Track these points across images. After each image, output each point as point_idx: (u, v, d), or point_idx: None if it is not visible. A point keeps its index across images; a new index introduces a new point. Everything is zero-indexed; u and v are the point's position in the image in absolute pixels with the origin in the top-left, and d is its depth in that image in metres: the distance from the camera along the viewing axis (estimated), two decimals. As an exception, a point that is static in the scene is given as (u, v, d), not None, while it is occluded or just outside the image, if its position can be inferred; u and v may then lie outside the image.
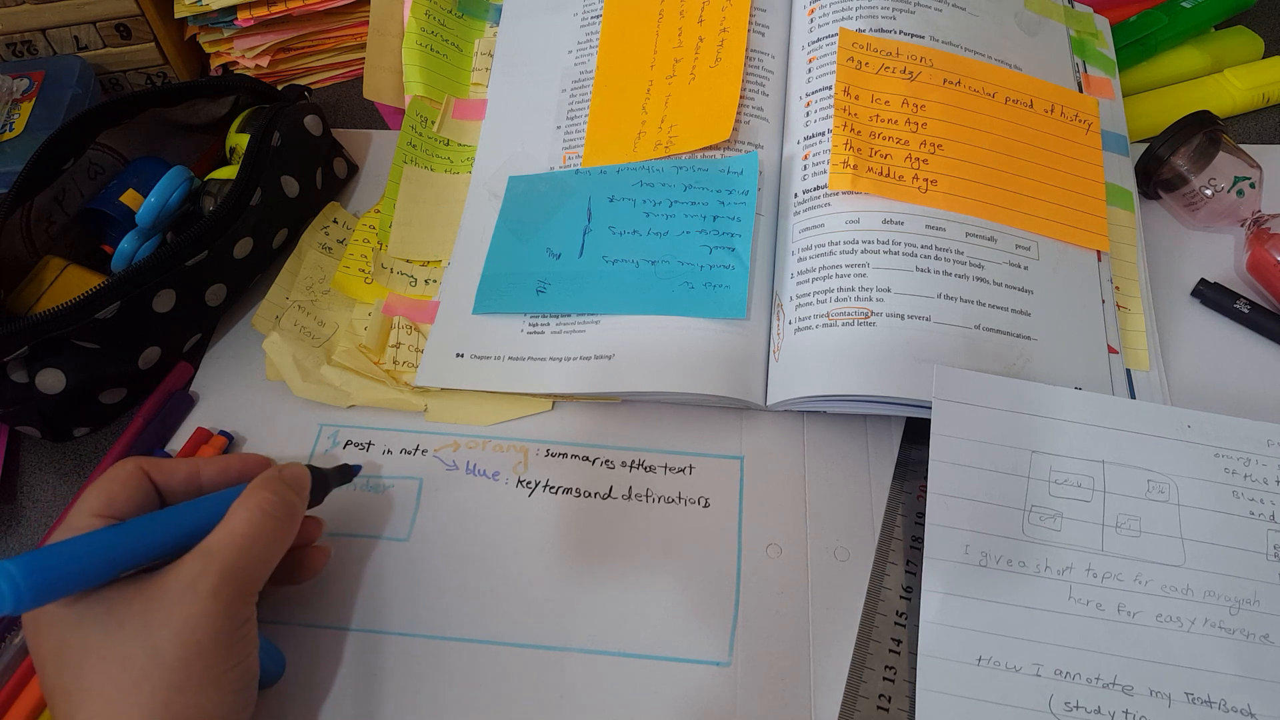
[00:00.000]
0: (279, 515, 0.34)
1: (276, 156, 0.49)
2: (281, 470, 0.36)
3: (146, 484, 0.34)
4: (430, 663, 0.38)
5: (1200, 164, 0.49)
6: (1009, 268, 0.43)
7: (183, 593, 0.31)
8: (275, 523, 0.34)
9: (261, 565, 0.33)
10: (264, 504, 0.33)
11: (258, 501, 0.33)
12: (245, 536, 0.32)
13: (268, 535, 0.33)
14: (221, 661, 0.31)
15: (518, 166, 0.52)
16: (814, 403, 0.41)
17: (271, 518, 0.33)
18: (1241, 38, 0.58)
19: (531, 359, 0.45)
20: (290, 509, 0.35)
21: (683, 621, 0.39)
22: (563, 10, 0.57)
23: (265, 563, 0.33)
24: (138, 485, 0.34)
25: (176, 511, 0.33)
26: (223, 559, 0.32)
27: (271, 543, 0.34)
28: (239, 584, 0.32)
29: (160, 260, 0.43)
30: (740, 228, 0.45)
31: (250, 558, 0.32)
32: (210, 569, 0.31)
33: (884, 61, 0.47)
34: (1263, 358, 0.46)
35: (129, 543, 0.31)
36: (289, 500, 0.35)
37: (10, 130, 0.53)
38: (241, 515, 0.33)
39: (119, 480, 0.33)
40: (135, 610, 0.30)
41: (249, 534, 0.33)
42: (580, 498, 0.43)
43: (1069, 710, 0.35)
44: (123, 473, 0.34)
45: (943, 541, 0.37)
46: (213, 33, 0.61)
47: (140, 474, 0.34)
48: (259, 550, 0.33)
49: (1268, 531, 0.37)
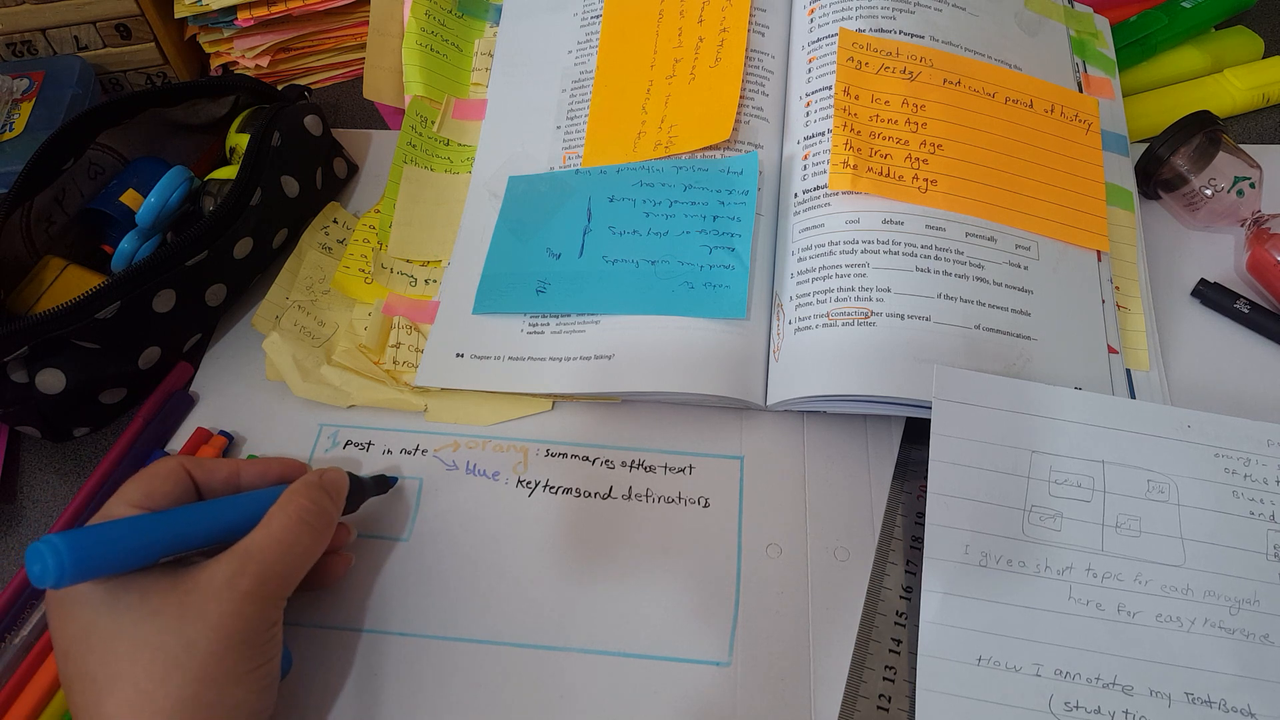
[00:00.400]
0: (316, 524, 0.35)
1: (276, 156, 0.49)
2: (321, 475, 0.37)
3: (187, 481, 0.35)
4: (430, 662, 0.38)
5: (1200, 164, 0.49)
6: (1009, 268, 0.43)
7: (220, 589, 0.31)
8: (312, 531, 0.34)
9: (296, 570, 0.34)
10: (303, 511, 0.34)
11: (297, 508, 0.34)
12: (283, 542, 0.33)
13: (305, 542, 0.34)
14: (250, 659, 0.32)
15: (518, 166, 0.52)
16: (814, 403, 0.41)
17: (309, 526, 0.34)
18: (1241, 38, 0.58)
19: (531, 359, 0.45)
20: (327, 518, 0.35)
21: (682, 621, 0.39)
22: (563, 10, 0.57)
23: (300, 568, 0.34)
24: (178, 481, 0.34)
25: (216, 505, 0.34)
26: (260, 561, 0.32)
27: (308, 549, 0.34)
28: (274, 587, 0.33)
29: (160, 260, 0.43)
30: (740, 228, 0.45)
31: (286, 563, 0.33)
32: (248, 570, 0.32)
33: (884, 61, 0.47)
34: (1263, 358, 0.46)
35: (170, 531, 0.32)
36: (326, 509, 0.35)
37: (10, 130, 0.53)
38: (281, 520, 0.34)
39: (160, 475, 0.34)
40: (171, 601, 0.31)
41: (287, 539, 0.33)
42: (580, 498, 0.43)
43: (1069, 710, 0.35)
44: (164, 468, 0.35)
45: (943, 541, 0.37)
46: (213, 33, 0.61)
47: (182, 471, 0.35)
48: (295, 556, 0.34)
49: (1268, 531, 0.37)
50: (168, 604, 0.31)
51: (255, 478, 0.37)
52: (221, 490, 0.36)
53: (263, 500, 0.35)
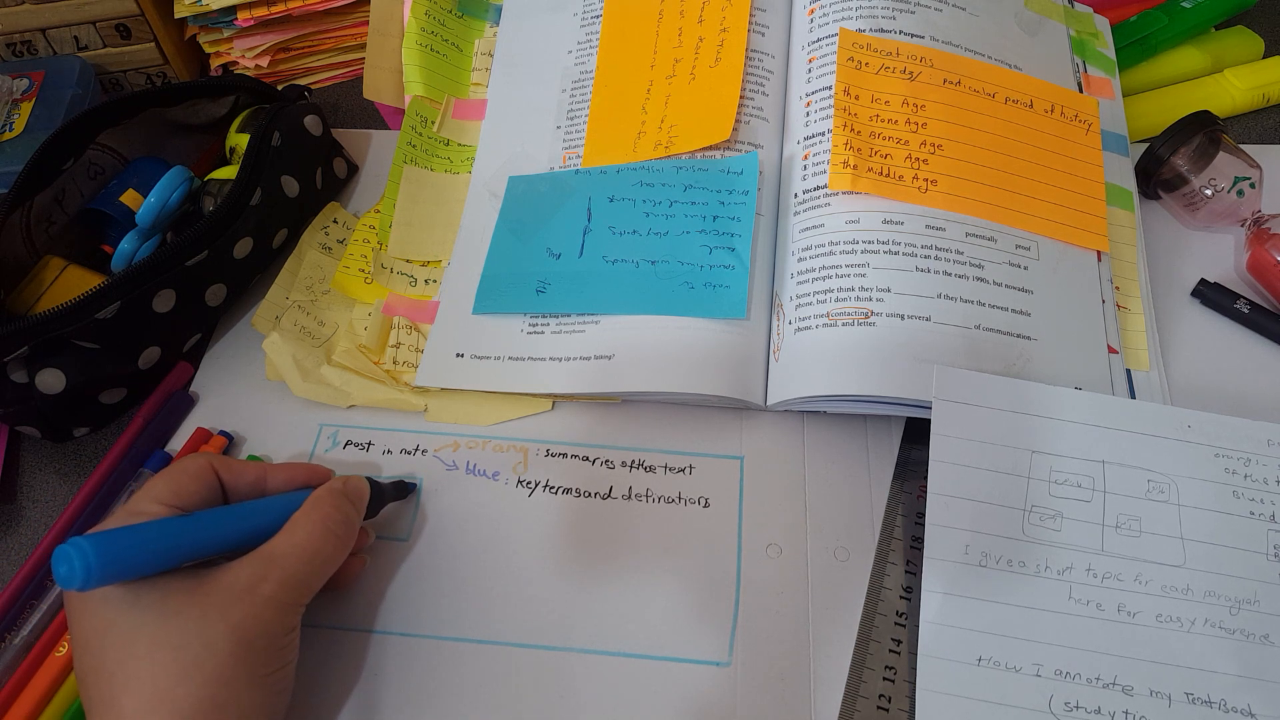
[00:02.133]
0: (340, 532, 0.35)
1: (276, 156, 0.49)
2: (345, 483, 0.37)
3: (214, 480, 0.35)
4: (430, 662, 0.38)
5: (1200, 164, 0.49)
6: (1009, 268, 0.43)
7: (243, 593, 0.31)
8: (336, 539, 0.35)
9: (318, 578, 0.34)
10: (328, 520, 0.35)
11: (321, 516, 0.34)
12: (307, 549, 0.34)
13: (328, 550, 0.34)
14: (269, 663, 0.32)
15: (518, 166, 0.52)
16: (814, 403, 0.41)
17: (333, 534, 0.35)
18: (1241, 38, 0.58)
19: (531, 359, 0.45)
20: (350, 526, 0.36)
21: (683, 621, 0.39)
22: (563, 10, 0.57)
23: (322, 575, 0.35)
24: (205, 480, 0.35)
25: (241, 510, 0.34)
26: (284, 567, 0.33)
27: (330, 557, 0.35)
28: (295, 593, 0.33)
29: (160, 260, 0.43)
30: (740, 228, 0.45)
31: (309, 570, 0.34)
32: (272, 575, 0.32)
33: (884, 61, 0.47)
34: (1263, 358, 0.46)
35: (195, 536, 0.32)
36: (349, 517, 0.36)
37: (10, 130, 0.53)
38: (305, 527, 0.34)
39: (189, 473, 0.34)
40: (193, 602, 0.31)
41: (311, 546, 0.34)
42: (580, 498, 0.43)
43: (1069, 710, 0.35)
44: (194, 466, 0.35)
45: (943, 541, 0.37)
46: (213, 33, 0.61)
47: (210, 470, 0.35)
48: (318, 563, 0.34)
49: (1268, 531, 0.37)
50: (189, 605, 0.31)
51: (281, 482, 0.37)
52: (247, 493, 0.36)
53: (287, 506, 0.35)
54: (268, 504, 0.35)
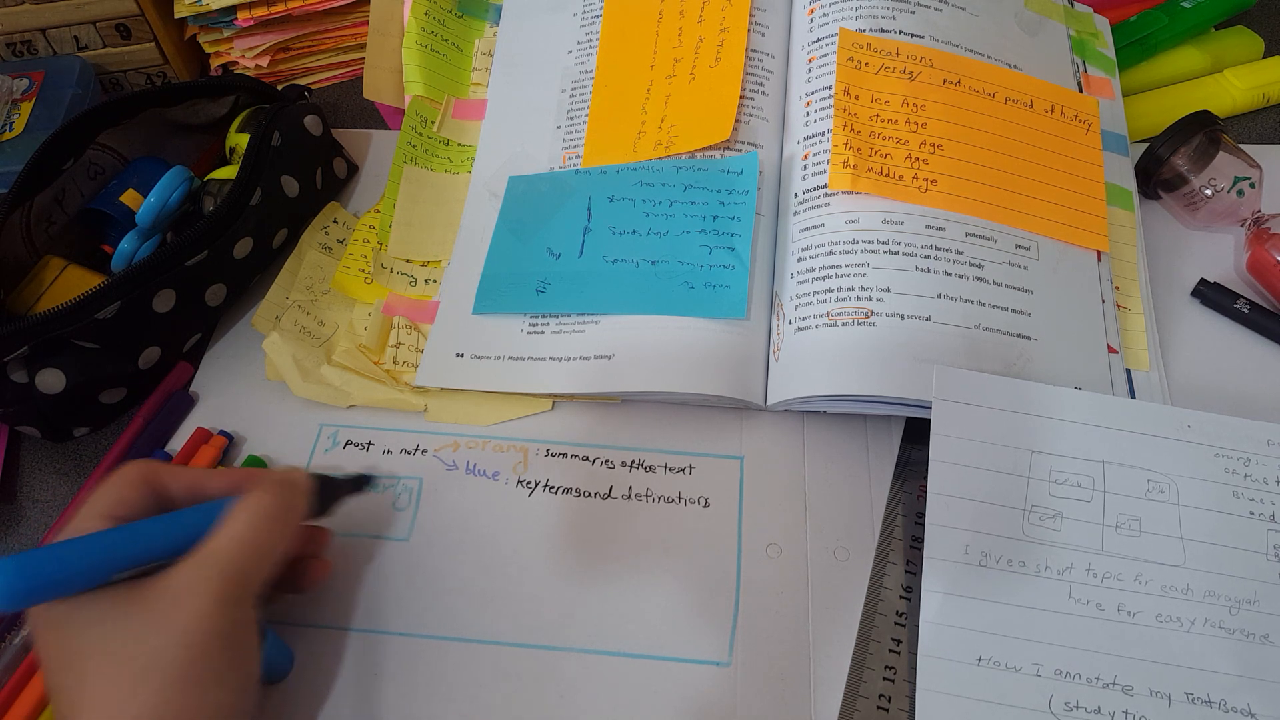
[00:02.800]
0: (276, 517, 0.34)
1: (276, 156, 0.49)
2: (280, 473, 0.36)
3: (151, 488, 0.34)
4: (430, 662, 0.38)
5: (1200, 164, 0.49)
6: (1009, 268, 0.43)
7: (184, 596, 0.31)
8: (272, 525, 0.34)
9: (259, 568, 0.33)
10: (262, 507, 0.34)
11: (256, 503, 0.34)
12: (243, 540, 0.33)
13: (265, 538, 0.33)
14: (222, 662, 0.31)
15: (518, 166, 0.52)
16: (814, 403, 0.41)
17: (269, 520, 0.34)
18: (1241, 38, 0.58)
19: (531, 359, 0.45)
20: (290, 512, 0.35)
21: (682, 621, 0.39)
22: (563, 10, 0.57)
23: (263, 565, 0.33)
24: (144, 489, 0.34)
25: (176, 516, 0.33)
26: (222, 562, 0.32)
27: (269, 545, 0.34)
28: (238, 587, 0.32)
29: (160, 260, 0.43)
30: (740, 228, 0.45)
31: (249, 560, 0.33)
32: (211, 573, 0.31)
33: (884, 61, 0.47)
34: (1263, 358, 0.46)
35: (127, 545, 0.31)
36: (289, 503, 0.35)
37: (10, 130, 0.53)
38: (241, 518, 0.33)
39: (127, 482, 0.34)
40: (136, 611, 0.30)
41: (247, 537, 0.33)
42: (580, 498, 0.43)
43: (1069, 710, 0.35)
44: (132, 474, 0.34)
45: (943, 541, 0.37)
46: (213, 33, 0.61)
47: (147, 477, 0.34)
48: (258, 554, 0.33)
49: (1268, 531, 0.37)
50: (133, 614, 0.30)
51: (221, 486, 0.36)
52: (187, 496, 0.35)
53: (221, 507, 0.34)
54: (205, 507, 0.34)
